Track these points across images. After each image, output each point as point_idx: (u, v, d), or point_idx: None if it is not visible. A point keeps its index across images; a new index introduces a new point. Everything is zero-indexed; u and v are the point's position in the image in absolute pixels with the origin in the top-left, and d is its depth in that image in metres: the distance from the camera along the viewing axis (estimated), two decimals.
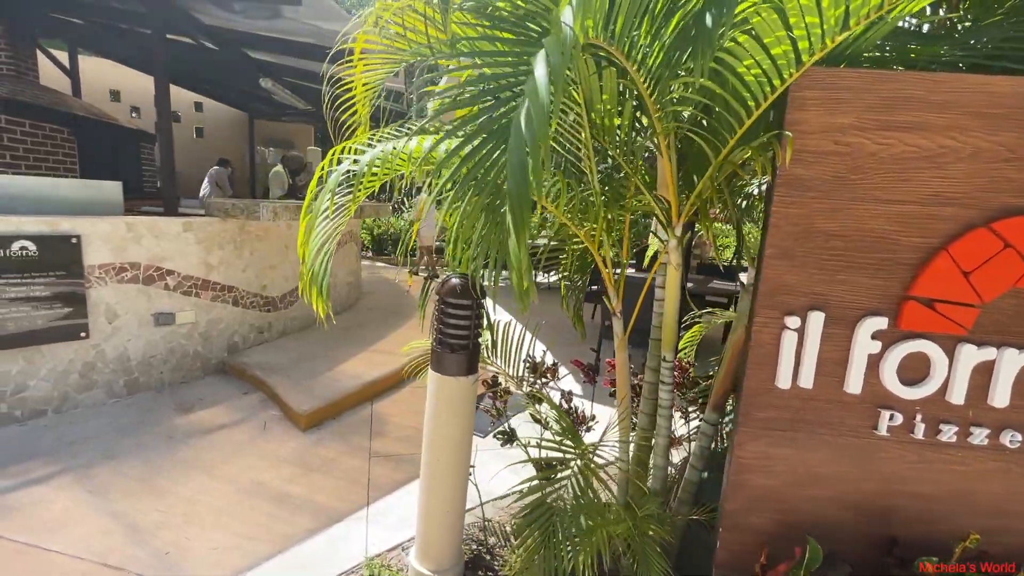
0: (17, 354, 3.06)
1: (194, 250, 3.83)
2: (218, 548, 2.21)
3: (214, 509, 2.47)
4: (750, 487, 1.55)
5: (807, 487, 1.54)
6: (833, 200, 1.37)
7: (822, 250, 1.40)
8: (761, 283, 1.44)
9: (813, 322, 1.42)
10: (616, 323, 1.86)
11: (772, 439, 1.52)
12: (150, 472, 2.72)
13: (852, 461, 1.51)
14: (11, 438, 2.97)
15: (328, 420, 3.48)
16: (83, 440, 2.99)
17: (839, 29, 1.04)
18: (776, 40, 1.07)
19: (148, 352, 3.65)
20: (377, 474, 2.86)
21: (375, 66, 1.72)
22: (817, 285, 1.42)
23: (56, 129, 5.48)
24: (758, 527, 1.58)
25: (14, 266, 2.96)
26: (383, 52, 1.71)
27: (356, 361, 4.29)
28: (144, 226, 3.52)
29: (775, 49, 1.10)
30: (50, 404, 3.23)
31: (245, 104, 9.75)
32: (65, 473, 2.67)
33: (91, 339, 3.33)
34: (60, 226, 3.13)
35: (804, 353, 1.44)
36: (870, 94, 1.32)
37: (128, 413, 3.37)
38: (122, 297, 3.46)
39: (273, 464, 2.89)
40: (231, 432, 3.23)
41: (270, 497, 2.59)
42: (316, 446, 3.13)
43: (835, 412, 1.48)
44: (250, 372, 3.92)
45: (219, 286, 4.05)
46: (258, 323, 4.49)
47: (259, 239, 4.38)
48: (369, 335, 5.05)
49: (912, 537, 1.52)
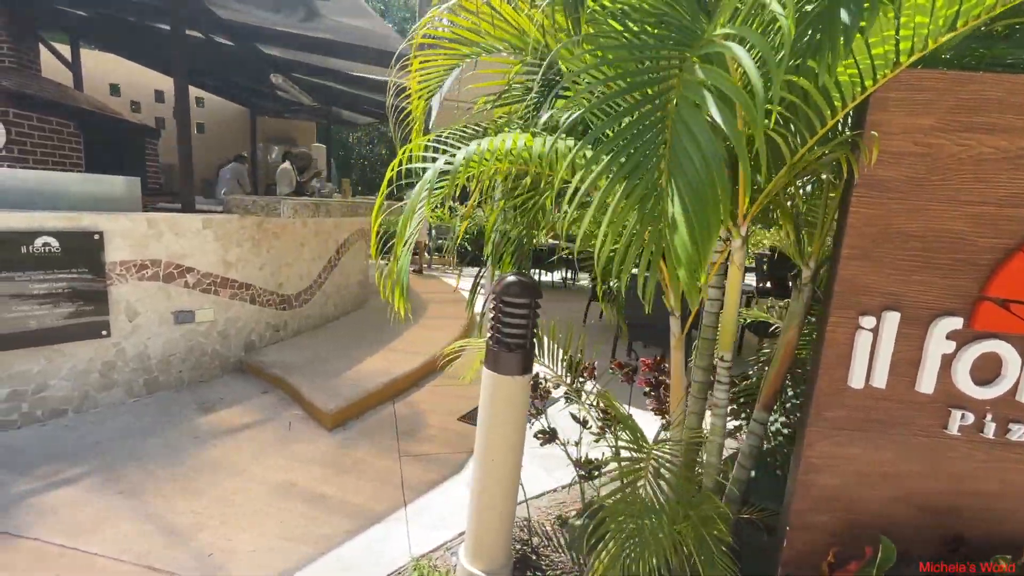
0: (38, 353, 3.00)
1: (213, 247, 3.78)
2: (259, 550, 2.18)
3: (249, 510, 2.43)
4: (818, 486, 1.56)
5: (874, 486, 1.55)
6: (912, 201, 1.38)
7: (899, 250, 1.41)
8: (836, 283, 1.44)
9: (888, 322, 1.43)
10: (673, 323, 1.85)
11: (841, 439, 1.52)
12: (180, 473, 2.68)
13: (920, 460, 1.52)
14: (34, 438, 2.91)
15: (351, 420, 3.45)
16: (107, 440, 2.94)
17: (945, 30, 1.05)
18: (880, 40, 1.07)
19: (168, 351, 3.59)
20: (409, 474, 2.84)
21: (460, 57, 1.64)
22: (893, 285, 1.42)
23: (63, 123, 5.38)
24: (824, 526, 1.59)
25: (37, 263, 2.90)
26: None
27: (373, 360, 4.25)
28: (165, 223, 3.46)
29: (876, 49, 1.09)
30: (71, 404, 3.17)
31: (247, 100, 9.64)
32: (94, 474, 2.62)
33: (112, 337, 3.27)
34: (82, 222, 3.08)
35: (878, 353, 1.45)
36: (950, 95, 1.33)
37: (149, 413, 3.32)
38: (142, 295, 3.40)
39: (303, 464, 2.86)
40: (256, 432, 3.19)
41: (304, 498, 2.56)
42: (344, 446, 3.10)
43: (906, 412, 1.48)
44: (269, 371, 3.87)
45: (237, 284, 4.00)
46: (274, 321, 4.44)
47: (276, 237, 4.33)
48: (383, 335, 5.01)
49: (977, 536, 1.53)
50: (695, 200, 0.68)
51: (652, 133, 0.77)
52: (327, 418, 3.28)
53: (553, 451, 2.67)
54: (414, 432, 3.35)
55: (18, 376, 2.95)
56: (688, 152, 0.70)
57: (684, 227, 0.69)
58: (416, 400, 3.89)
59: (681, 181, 0.70)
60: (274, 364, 3.94)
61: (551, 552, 2.26)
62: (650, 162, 0.75)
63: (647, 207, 0.74)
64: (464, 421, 3.56)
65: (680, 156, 0.70)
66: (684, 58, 0.78)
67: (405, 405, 3.78)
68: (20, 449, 2.80)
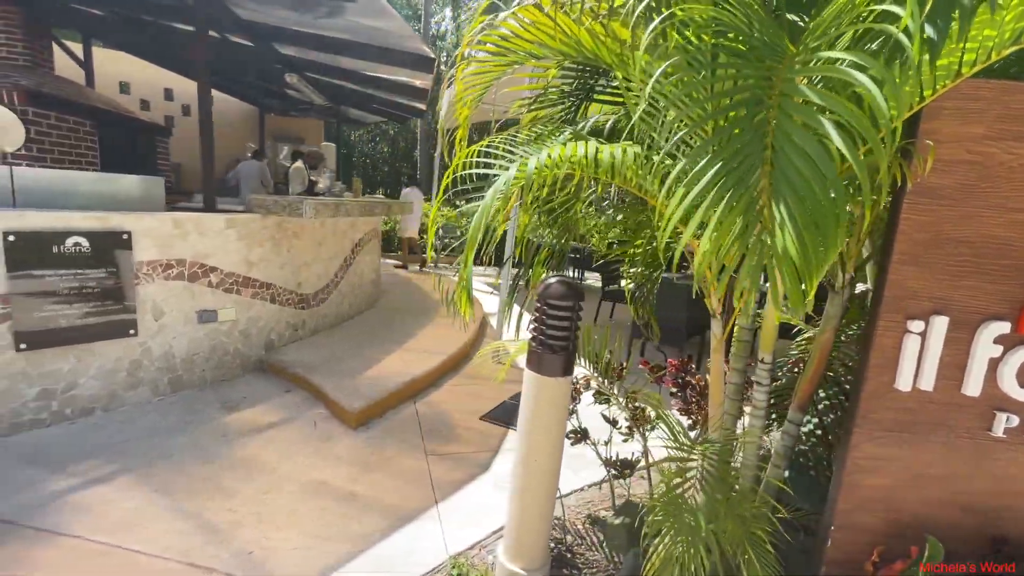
0: (69, 351, 3.03)
1: (235, 247, 3.80)
2: (298, 548, 2.21)
3: (284, 508, 2.46)
4: (863, 487, 1.59)
5: (918, 487, 1.58)
6: (962, 208, 1.41)
7: (948, 256, 1.43)
8: (886, 288, 1.47)
9: (936, 326, 1.45)
10: (715, 324, 1.88)
11: (887, 440, 1.55)
12: (212, 471, 2.70)
13: (964, 462, 1.55)
14: (65, 437, 2.93)
15: (374, 419, 3.48)
16: (137, 439, 2.96)
17: (1010, 42, 1.07)
18: (947, 51, 1.09)
19: (191, 350, 3.61)
20: (437, 473, 2.86)
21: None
22: (942, 290, 1.45)
23: (79, 122, 5.40)
24: (868, 526, 1.61)
25: (68, 262, 2.92)
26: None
27: (391, 360, 4.28)
28: (190, 222, 3.49)
29: (940, 60, 1.12)
30: (99, 402, 3.19)
31: (255, 98, 9.64)
32: (126, 472, 2.64)
33: (139, 337, 3.30)
34: (110, 222, 3.10)
35: (925, 356, 1.48)
36: (999, 104, 1.35)
37: (175, 411, 3.34)
38: (168, 294, 3.43)
39: (331, 463, 2.89)
40: (282, 431, 3.21)
41: (336, 496, 2.58)
42: (369, 445, 3.12)
43: (952, 414, 1.51)
44: (291, 370, 3.90)
45: (258, 283, 4.02)
46: (293, 321, 4.46)
47: (296, 236, 4.36)
48: (397, 334, 5.04)
49: (1020, 536, 1.56)
50: (805, 214, 0.71)
51: (753, 148, 0.80)
52: (351, 417, 3.31)
53: (579, 450, 2.70)
54: (438, 431, 3.37)
55: (49, 375, 2.97)
56: (799, 170, 0.72)
57: (791, 238, 0.72)
58: (436, 399, 3.91)
59: (791, 199, 0.72)
60: (295, 363, 3.97)
61: (585, 551, 2.29)
62: (751, 177, 0.78)
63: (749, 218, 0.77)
64: (486, 420, 3.59)
65: (788, 173, 0.72)
66: (783, 79, 0.80)
67: (426, 404, 3.80)
68: (51, 447, 2.82)
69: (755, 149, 0.79)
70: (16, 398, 2.87)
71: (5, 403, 2.83)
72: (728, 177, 0.78)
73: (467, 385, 4.25)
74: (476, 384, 4.27)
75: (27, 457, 2.70)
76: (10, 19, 5.62)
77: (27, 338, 2.84)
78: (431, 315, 5.94)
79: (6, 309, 2.77)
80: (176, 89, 9.51)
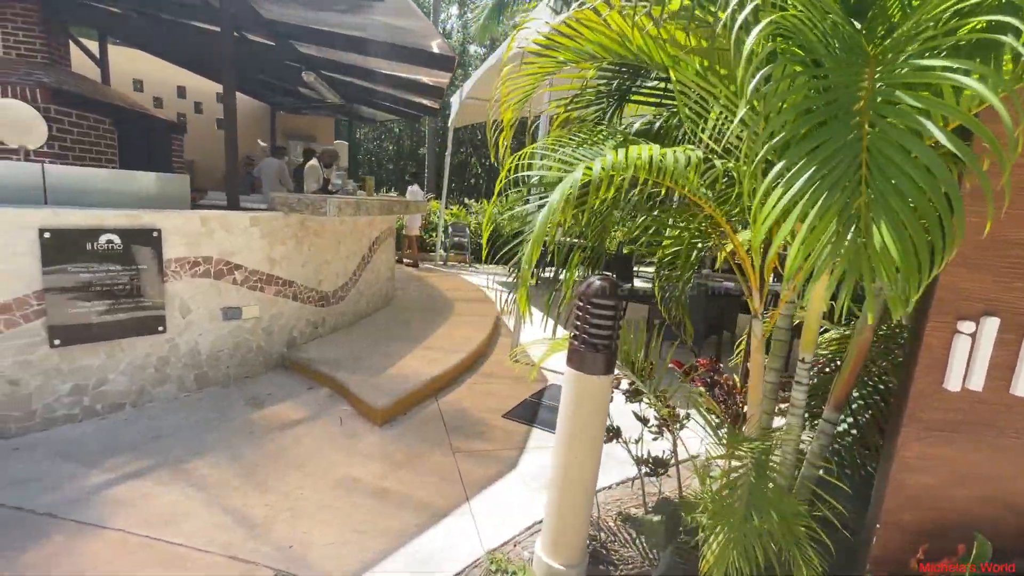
0: (99, 348, 3.06)
1: (259, 245, 3.83)
2: (336, 543, 2.24)
3: (318, 504, 2.48)
4: (909, 486, 1.60)
5: (964, 486, 1.60)
6: (1015, 209, 1.42)
7: (1001, 258, 1.45)
8: (937, 289, 1.48)
9: (987, 327, 1.47)
10: (756, 324, 1.90)
11: (934, 440, 1.57)
12: (244, 467, 2.73)
13: (1011, 462, 1.56)
14: (97, 432, 2.96)
15: (399, 416, 3.50)
16: (168, 435, 2.99)
17: None
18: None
19: (216, 347, 3.64)
20: (466, 470, 2.89)
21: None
22: (993, 292, 1.46)
23: (99, 119, 5.43)
24: (913, 525, 1.63)
25: (101, 259, 2.95)
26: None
27: (411, 358, 4.30)
28: (216, 220, 3.51)
29: (1007, 66, 1.13)
30: (127, 398, 3.22)
31: (267, 96, 9.67)
32: (161, 468, 2.67)
33: (166, 333, 3.33)
34: (142, 219, 3.12)
35: (975, 357, 1.49)
36: None
37: (201, 408, 3.37)
38: (195, 292, 3.45)
39: (360, 460, 2.91)
40: (309, 427, 3.24)
41: (368, 493, 2.61)
42: (396, 442, 3.15)
43: (1001, 415, 1.53)
44: (314, 367, 3.93)
45: (281, 281, 4.05)
46: (313, 318, 4.49)
47: (317, 235, 4.38)
48: (414, 332, 5.06)
49: None
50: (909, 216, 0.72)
51: (848, 151, 0.81)
52: (377, 414, 3.33)
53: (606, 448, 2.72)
54: (462, 428, 3.40)
55: (81, 370, 3.00)
56: (904, 172, 0.73)
57: (891, 240, 0.73)
58: (457, 397, 3.94)
59: (894, 201, 0.74)
60: (318, 361, 3.99)
61: (619, 547, 2.31)
62: (846, 182, 0.80)
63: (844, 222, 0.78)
64: (509, 418, 3.61)
65: (893, 178, 0.74)
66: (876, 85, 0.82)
67: (447, 402, 3.83)
68: (84, 442, 2.85)
69: (849, 153, 0.81)
70: (50, 394, 2.90)
71: (40, 399, 2.87)
72: (823, 180, 0.80)
73: (486, 383, 4.27)
74: (494, 382, 4.29)
75: (63, 452, 2.73)
76: (28, 16, 5.65)
77: (60, 334, 2.87)
78: (445, 313, 5.96)
79: (41, 305, 2.80)
80: (188, 87, 9.54)
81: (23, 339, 2.78)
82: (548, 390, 4.17)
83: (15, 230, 2.69)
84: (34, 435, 2.87)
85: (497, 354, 5.08)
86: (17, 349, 2.77)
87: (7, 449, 2.72)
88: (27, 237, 2.72)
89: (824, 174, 0.81)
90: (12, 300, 2.72)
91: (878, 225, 0.74)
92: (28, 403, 2.84)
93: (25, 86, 4.82)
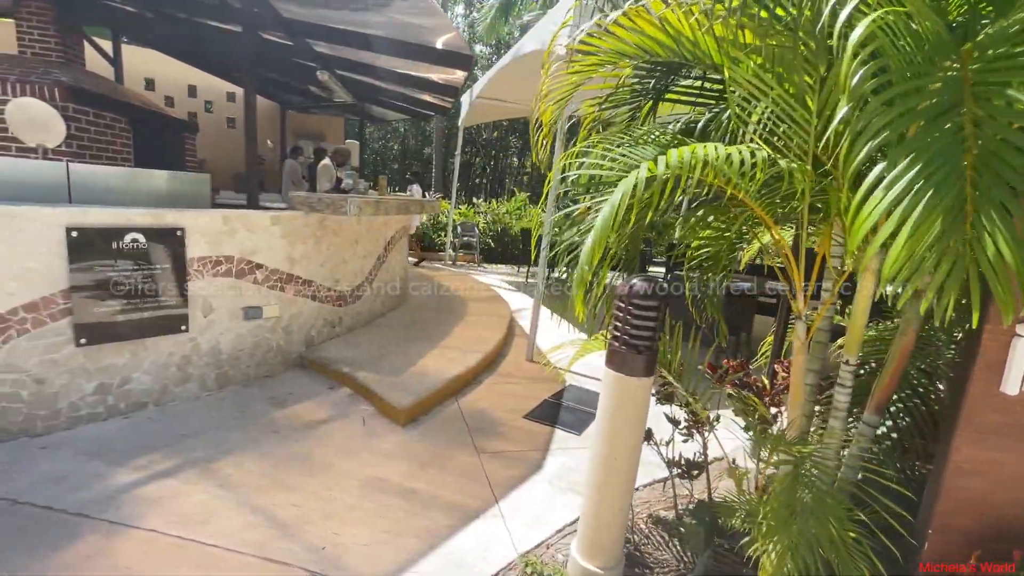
0: (124, 347, 3.05)
1: (280, 244, 3.82)
2: (368, 544, 2.22)
3: (347, 504, 2.47)
4: (963, 490, 1.58)
5: (1019, 490, 1.57)
6: None
7: None
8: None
9: None
10: (800, 327, 1.87)
11: (990, 443, 1.54)
12: (271, 467, 2.72)
13: None
14: (122, 430, 2.96)
15: (421, 416, 3.49)
16: (193, 434, 2.98)
17: None
18: None
19: (237, 346, 3.63)
20: (492, 471, 2.87)
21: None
22: None
23: (115, 118, 5.43)
24: (965, 529, 1.61)
25: (126, 258, 2.94)
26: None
27: (430, 358, 4.28)
28: (238, 220, 3.50)
29: None
30: (151, 397, 3.22)
31: (278, 95, 9.67)
32: (188, 467, 2.66)
33: (189, 332, 3.32)
34: (165, 219, 3.12)
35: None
36: None
37: (224, 407, 3.36)
38: (217, 291, 3.45)
39: (386, 460, 2.90)
40: (333, 427, 3.23)
41: (396, 493, 2.59)
42: (421, 442, 3.13)
43: None
44: (334, 367, 3.91)
45: (300, 280, 4.04)
46: (331, 318, 4.48)
47: (335, 234, 4.37)
48: (431, 332, 5.05)
49: None
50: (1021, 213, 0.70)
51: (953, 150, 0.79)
52: (400, 414, 3.32)
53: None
54: (484, 429, 3.38)
55: (105, 369, 2.99)
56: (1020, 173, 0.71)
57: (1005, 243, 0.72)
58: (477, 398, 3.92)
59: (1009, 202, 0.72)
60: (338, 360, 3.98)
61: (653, 550, 2.29)
62: (952, 181, 0.78)
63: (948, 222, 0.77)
64: (530, 419, 3.59)
65: (1004, 175, 0.72)
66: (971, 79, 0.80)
67: (467, 402, 3.81)
68: (110, 441, 2.84)
69: (955, 151, 0.79)
70: (76, 392, 2.89)
71: (66, 397, 2.86)
72: (927, 180, 0.78)
73: (504, 384, 4.26)
74: (512, 383, 4.28)
75: (90, 451, 2.72)
76: (43, 15, 5.65)
77: (86, 333, 2.87)
78: (459, 313, 5.95)
79: (67, 304, 2.80)
80: (200, 86, 9.56)
81: (49, 338, 2.78)
82: (567, 391, 4.15)
83: (44, 229, 2.69)
84: (60, 434, 2.86)
85: (513, 354, 5.06)
86: (44, 348, 2.76)
87: (34, 448, 2.72)
88: (55, 236, 2.72)
89: (929, 173, 0.79)
90: (39, 299, 2.72)
91: (989, 225, 0.72)
92: (54, 402, 2.83)
93: (44, 85, 4.82)
